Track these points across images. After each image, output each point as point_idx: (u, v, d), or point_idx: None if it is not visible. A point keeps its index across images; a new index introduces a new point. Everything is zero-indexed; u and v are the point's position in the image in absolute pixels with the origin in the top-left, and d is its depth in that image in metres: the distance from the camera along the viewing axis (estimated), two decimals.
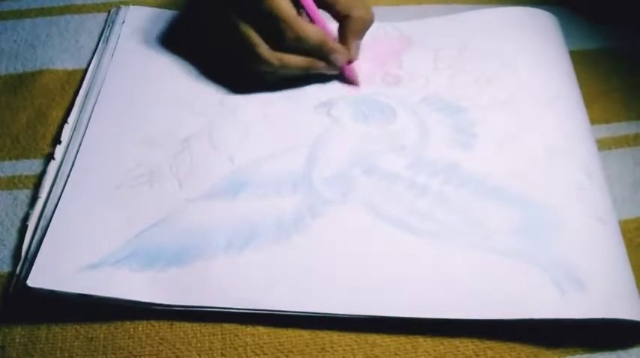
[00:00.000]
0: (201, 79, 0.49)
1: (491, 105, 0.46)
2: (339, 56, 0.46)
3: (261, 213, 0.41)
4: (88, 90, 0.48)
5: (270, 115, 0.46)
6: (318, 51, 0.45)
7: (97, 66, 0.50)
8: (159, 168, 0.43)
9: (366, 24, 0.47)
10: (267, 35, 0.44)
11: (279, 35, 0.43)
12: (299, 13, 0.45)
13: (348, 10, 0.45)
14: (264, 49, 0.44)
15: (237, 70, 0.47)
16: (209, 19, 0.48)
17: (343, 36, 0.46)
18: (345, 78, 0.48)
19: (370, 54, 0.49)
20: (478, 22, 0.52)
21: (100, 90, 0.48)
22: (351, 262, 0.39)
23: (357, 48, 0.48)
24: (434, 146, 0.44)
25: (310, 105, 0.47)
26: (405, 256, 0.39)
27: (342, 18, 0.46)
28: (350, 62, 0.47)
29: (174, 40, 0.51)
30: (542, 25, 0.51)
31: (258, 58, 0.44)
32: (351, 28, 0.46)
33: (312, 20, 0.45)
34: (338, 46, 0.46)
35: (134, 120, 0.46)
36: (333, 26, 0.47)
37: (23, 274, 0.38)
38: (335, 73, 0.47)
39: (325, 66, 0.46)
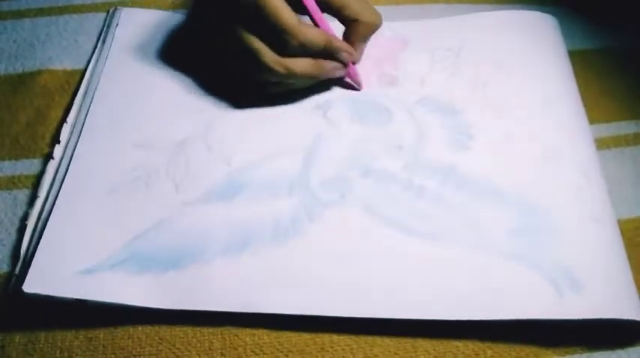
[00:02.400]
0: (197, 81, 0.48)
1: (487, 106, 0.46)
2: (346, 54, 0.45)
3: (259, 215, 0.40)
4: (86, 91, 0.48)
5: (267, 117, 0.46)
6: (324, 52, 0.44)
7: (95, 67, 0.50)
8: (155, 171, 0.43)
9: (374, 28, 0.46)
10: (270, 44, 0.43)
11: (283, 44, 0.42)
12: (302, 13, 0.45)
13: (357, 15, 0.45)
14: (269, 56, 0.42)
15: (242, 81, 0.46)
16: (211, 29, 0.47)
17: (349, 39, 0.46)
18: (346, 82, 0.48)
19: (366, 54, 0.49)
20: (476, 25, 0.51)
21: (95, 91, 0.47)
22: (349, 264, 0.39)
23: (362, 52, 0.47)
24: (431, 147, 0.44)
25: (307, 107, 0.47)
26: (403, 258, 0.39)
27: (350, 22, 0.45)
28: (353, 64, 0.47)
29: (169, 42, 0.51)
30: (541, 27, 0.51)
31: (262, 66, 0.43)
32: (358, 32, 0.45)
33: (316, 24, 0.45)
34: (344, 44, 0.45)
35: (130, 122, 0.46)
36: (335, 28, 0.47)
37: (21, 276, 0.38)
38: (341, 74, 0.46)
39: (332, 67, 0.45)
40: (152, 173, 0.43)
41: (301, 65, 0.43)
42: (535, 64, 0.49)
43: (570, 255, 0.38)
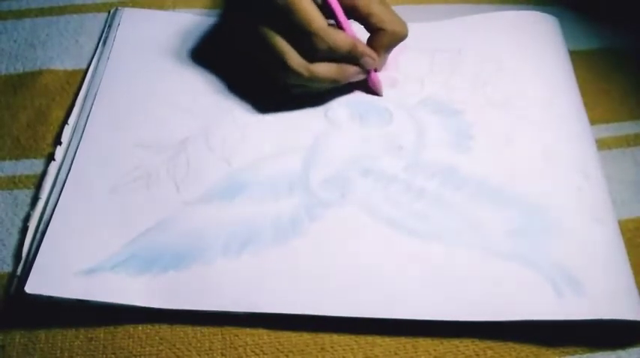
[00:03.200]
0: (198, 81, 0.48)
1: (487, 107, 0.46)
2: (369, 60, 0.45)
3: (259, 215, 0.40)
4: (87, 92, 0.48)
5: (267, 117, 0.46)
6: (348, 56, 0.44)
7: (96, 68, 0.50)
8: (156, 171, 0.43)
9: (399, 38, 0.46)
10: (297, 46, 0.43)
11: (310, 46, 0.42)
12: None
13: (383, 24, 0.44)
14: (294, 59, 0.42)
15: (267, 81, 0.46)
16: (236, 29, 0.47)
17: (373, 47, 0.45)
18: (368, 87, 0.48)
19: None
20: (476, 26, 0.51)
21: (96, 92, 0.47)
22: (349, 264, 0.39)
23: (385, 60, 0.47)
24: (431, 148, 0.44)
25: (307, 107, 0.47)
26: (403, 258, 0.39)
27: (375, 31, 0.45)
28: (376, 71, 0.47)
29: (170, 42, 0.51)
30: (541, 27, 0.51)
31: (287, 68, 0.42)
32: (382, 41, 0.45)
33: (341, 28, 0.44)
34: (368, 49, 0.45)
35: (131, 123, 0.46)
36: (359, 32, 0.46)
37: (23, 277, 0.38)
38: (362, 78, 0.46)
39: (354, 72, 0.45)
40: (153, 173, 0.43)
41: (325, 69, 0.43)
42: (535, 64, 0.49)
43: (570, 256, 0.38)
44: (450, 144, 0.44)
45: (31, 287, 0.37)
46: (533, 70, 0.48)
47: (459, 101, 0.47)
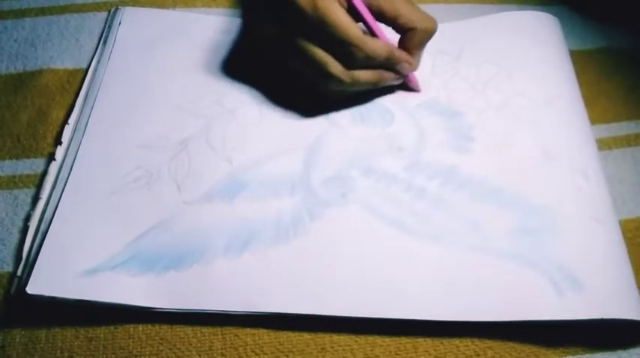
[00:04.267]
0: (199, 80, 0.48)
1: (488, 108, 0.46)
2: (407, 65, 0.45)
3: (260, 215, 0.41)
4: (88, 92, 0.48)
5: (269, 117, 0.46)
6: (386, 62, 0.44)
7: (97, 67, 0.50)
8: (157, 171, 0.43)
9: (430, 34, 0.45)
10: (335, 55, 0.43)
11: (348, 56, 0.42)
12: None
13: (412, 23, 0.44)
14: (336, 68, 0.42)
15: (269, 81, 0.46)
16: (265, 42, 0.46)
17: (406, 48, 0.45)
18: (406, 86, 0.48)
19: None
20: (477, 28, 0.51)
21: (97, 92, 0.47)
22: (349, 264, 0.39)
23: (420, 58, 0.47)
24: (431, 149, 0.44)
25: (308, 107, 0.47)
26: (404, 258, 0.39)
27: (405, 31, 0.45)
28: (412, 71, 0.47)
29: (171, 41, 0.51)
30: (542, 27, 0.51)
31: (331, 77, 0.43)
32: (415, 41, 0.45)
33: (372, 33, 0.44)
34: (404, 55, 0.45)
35: (131, 122, 0.46)
36: (390, 35, 0.46)
37: (24, 277, 0.38)
38: (399, 82, 0.46)
39: (393, 76, 0.45)
40: (154, 173, 0.43)
41: (365, 75, 0.44)
42: (536, 64, 0.49)
43: (571, 256, 0.38)
44: (451, 145, 0.44)
45: (33, 287, 0.37)
46: (534, 71, 0.48)
47: (459, 103, 0.47)
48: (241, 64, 0.49)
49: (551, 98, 0.46)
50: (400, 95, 0.47)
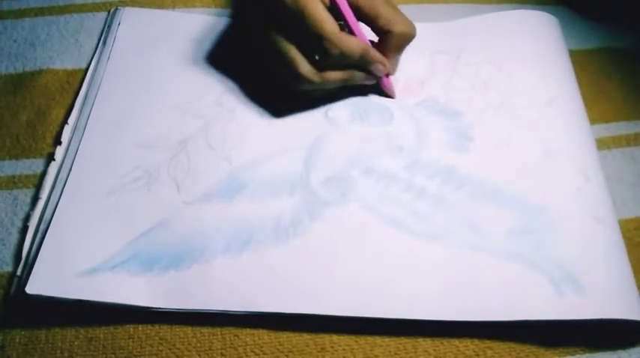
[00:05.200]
0: (198, 80, 0.48)
1: (487, 107, 0.46)
2: (380, 66, 0.45)
3: (260, 215, 0.41)
4: (87, 92, 0.48)
5: (268, 116, 0.46)
6: (359, 61, 0.44)
7: (96, 68, 0.50)
8: (156, 171, 0.43)
9: (408, 39, 0.45)
10: (309, 51, 0.43)
11: (322, 52, 0.42)
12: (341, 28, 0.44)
13: (390, 25, 0.44)
14: (305, 68, 0.43)
15: (268, 81, 0.47)
16: (251, 31, 0.47)
17: (383, 51, 0.45)
18: (380, 90, 0.47)
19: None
20: (476, 27, 0.51)
21: (97, 92, 0.47)
22: (349, 264, 0.39)
23: (397, 62, 0.47)
24: (431, 148, 0.44)
25: (308, 107, 0.47)
26: (404, 257, 0.39)
27: (383, 33, 0.45)
28: (388, 75, 0.46)
29: (170, 41, 0.51)
30: (541, 27, 0.51)
31: (299, 76, 0.43)
32: (392, 44, 0.45)
33: (352, 32, 0.44)
34: (379, 56, 0.44)
35: (131, 122, 0.46)
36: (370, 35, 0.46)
37: (24, 277, 0.38)
38: (372, 82, 0.46)
39: (364, 77, 0.45)
40: (153, 173, 0.43)
41: (335, 74, 0.44)
42: (535, 64, 0.49)
43: (570, 255, 0.38)
44: (450, 145, 0.44)
45: (32, 287, 0.37)
46: (533, 70, 0.48)
47: (459, 102, 0.47)
48: (241, 64, 0.49)
49: (551, 98, 0.46)
50: (399, 93, 0.47)
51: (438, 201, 0.41)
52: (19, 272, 0.39)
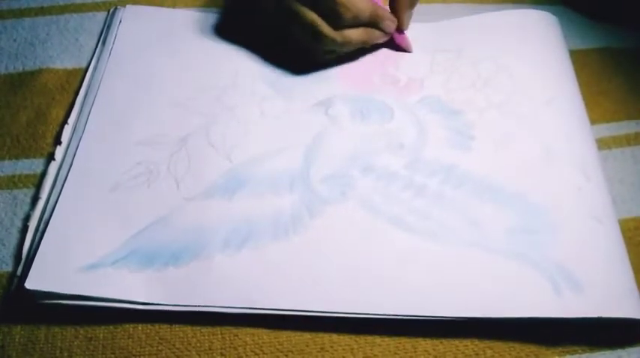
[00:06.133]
0: (198, 78, 0.48)
1: (488, 106, 0.46)
2: (389, 22, 0.48)
3: (259, 212, 0.41)
4: (87, 91, 0.48)
5: (268, 114, 0.46)
6: (369, 21, 0.47)
7: (96, 67, 0.50)
8: (156, 168, 0.43)
9: None
10: (325, 16, 0.45)
11: (336, 16, 0.45)
12: None
13: None
14: (327, 28, 0.45)
15: (297, 52, 0.49)
16: (265, 7, 0.49)
17: (394, 8, 0.49)
18: (397, 46, 0.50)
19: (368, 54, 0.50)
20: (476, 26, 0.52)
21: (97, 91, 0.47)
22: (349, 261, 0.39)
23: (409, 17, 0.50)
24: (431, 146, 0.44)
25: (308, 104, 0.47)
26: (404, 255, 0.39)
27: None
28: (401, 31, 0.49)
29: (171, 39, 0.51)
30: (541, 26, 0.51)
31: (323, 37, 0.45)
32: (403, 1, 0.48)
33: None
34: (387, 13, 0.48)
35: (131, 120, 0.46)
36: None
37: (23, 276, 0.38)
38: (386, 39, 0.49)
39: (381, 35, 0.48)
40: (154, 170, 0.43)
41: (355, 33, 0.47)
42: (536, 63, 0.49)
43: (570, 254, 0.38)
44: (451, 143, 0.44)
45: (32, 282, 0.37)
46: (533, 70, 0.48)
47: (459, 101, 0.47)
48: (242, 62, 0.49)
49: (551, 97, 0.46)
50: (400, 91, 0.47)
51: (438, 199, 0.41)
52: (19, 272, 0.39)
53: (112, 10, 0.54)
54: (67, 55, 0.52)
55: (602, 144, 0.46)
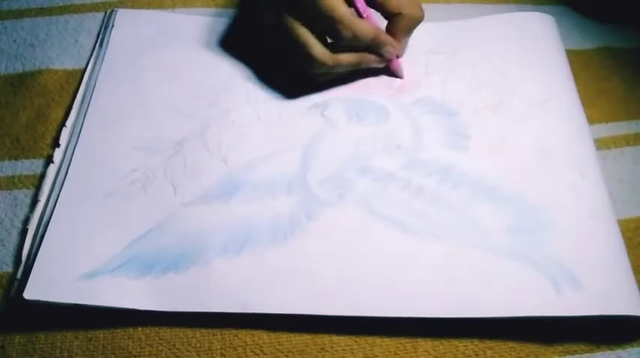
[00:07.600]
0: (194, 81, 0.48)
1: (484, 107, 0.46)
2: (391, 49, 0.46)
3: (257, 215, 0.41)
4: (84, 94, 0.48)
5: (264, 116, 0.46)
6: (370, 45, 0.45)
7: (93, 69, 0.50)
8: (153, 173, 0.43)
9: (417, 21, 0.47)
10: (322, 34, 0.44)
11: (335, 35, 0.44)
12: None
13: (399, 8, 0.45)
14: (318, 50, 0.44)
15: (291, 69, 0.47)
16: (260, 18, 0.48)
17: (392, 33, 0.46)
18: (389, 71, 0.49)
19: (362, 75, 0.49)
20: (472, 27, 0.52)
21: (91, 95, 0.47)
22: (347, 263, 0.39)
23: (405, 44, 0.49)
24: (428, 147, 0.44)
25: (304, 106, 0.47)
26: (402, 256, 0.39)
27: (392, 16, 0.46)
28: (398, 57, 0.48)
29: (165, 42, 0.51)
30: (537, 27, 0.51)
31: (312, 59, 0.44)
32: (401, 26, 0.46)
33: (360, 16, 0.45)
34: (389, 39, 0.46)
35: (127, 124, 0.45)
36: (380, 21, 0.47)
37: (23, 280, 0.38)
38: (382, 65, 0.48)
39: (375, 59, 0.46)
40: (150, 175, 0.43)
41: (347, 57, 0.45)
42: (532, 64, 0.49)
43: (568, 253, 0.38)
44: (447, 144, 0.44)
45: (30, 293, 0.37)
46: (529, 70, 0.48)
47: (455, 102, 0.47)
48: (236, 65, 0.49)
49: (547, 97, 0.46)
50: (395, 92, 0.47)
51: (435, 199, 0.41)
52: (19, 276, 0.39)
53: (108, 12, 0.54)
54: (67, 55, 0.52)
55: (602, 144, 0.46)
